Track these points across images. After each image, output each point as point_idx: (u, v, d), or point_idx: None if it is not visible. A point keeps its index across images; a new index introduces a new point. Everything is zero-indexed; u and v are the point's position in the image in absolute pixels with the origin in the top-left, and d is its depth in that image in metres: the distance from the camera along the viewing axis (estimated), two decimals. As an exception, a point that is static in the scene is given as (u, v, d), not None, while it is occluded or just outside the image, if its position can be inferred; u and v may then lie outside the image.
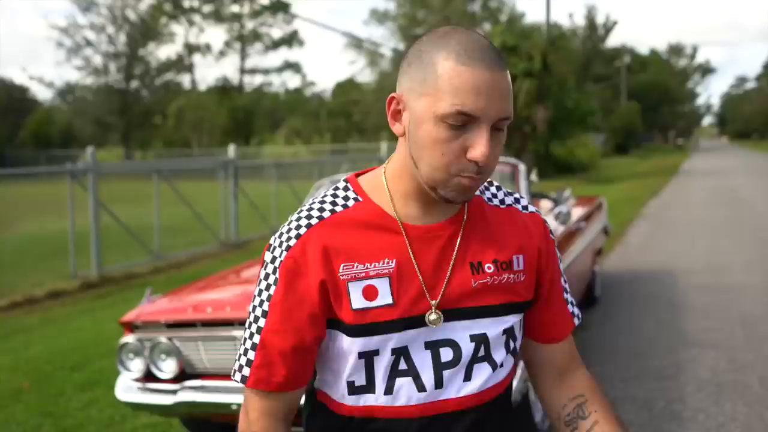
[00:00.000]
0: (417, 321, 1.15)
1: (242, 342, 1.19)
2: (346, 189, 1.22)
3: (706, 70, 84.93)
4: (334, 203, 1.20)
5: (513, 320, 1.23)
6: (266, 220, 12.30)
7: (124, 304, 7.55)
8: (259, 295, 1.18)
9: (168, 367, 3.35)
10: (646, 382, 4.33)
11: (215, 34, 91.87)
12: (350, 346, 1.15)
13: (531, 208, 1.30)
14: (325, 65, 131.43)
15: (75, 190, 8.85)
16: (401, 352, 1.16)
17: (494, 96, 1.06)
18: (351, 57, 51.82)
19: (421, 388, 1.17)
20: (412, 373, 1.17)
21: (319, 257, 1.14)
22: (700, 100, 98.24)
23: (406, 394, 1.17)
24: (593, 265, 6.17)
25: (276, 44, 52.66)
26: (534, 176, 4.95)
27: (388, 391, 1.17)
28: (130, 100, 43.30)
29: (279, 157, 24.17)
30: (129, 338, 3.41)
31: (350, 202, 1.20)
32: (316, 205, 1.20)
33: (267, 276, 1.17)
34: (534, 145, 24.46)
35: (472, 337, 1.18)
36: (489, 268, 1.19)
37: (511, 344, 1.25)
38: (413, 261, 1.15)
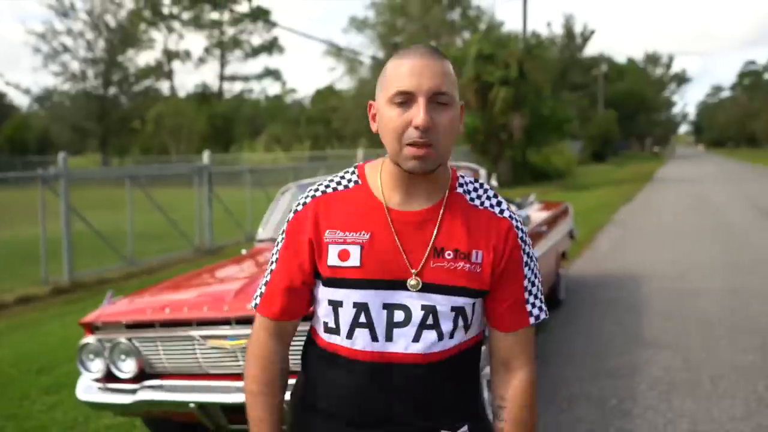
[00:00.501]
0: (379, 284, 1.42)
1: (263, 278, 1.55)
2: (352, 173, 1.52)
3: (682, 79, 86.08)
4: (339, 183, 1.51)
5: (464, 302, 1.44)
6: (241, 226, 12.33)
7: (94, 308, 7.56)
8: (277, 245, 1.53)
9: (128, 367, 3.40)
10: (600, 381, 4.45)
11: (195, 41, 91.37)
12: (323, 294, 1.46)
13: (506, 214, 1.49)
14: (305, 72, 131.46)
15: (47, 196, 8.85)
16: (362, 308, 1.43)
17: (425, 75, 1.35)
18: (330, 64, 51.94)
19: (374, 338, 1.43)
20: (369, 326, 1.43)
21: (312, 221, 1.46)
22: (676, 109, 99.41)
23: (362, 341, 1.44)
24: (557, 267, 6.30)
25: (256, 51, 52.68)
26: (494, 181, 5.05)
27: (349, 336, 1.44)
28: (109, 106, 43.04)
29: (258, 164, 24.16)
30: (89, 339, 3.46)
31: (351, 184, 1.50)
32: (325, 182, 1.52)
33: (282, 231, 1.52)
34: (511, 152, 24.68)
35: (423, 307, 1.42)
36: (449, 254, 1.42)
37: (461, 321, 1.45)
38: (395, 238, 1.42)
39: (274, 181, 15.03)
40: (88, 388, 3.52)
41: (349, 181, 1.50)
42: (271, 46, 53.88)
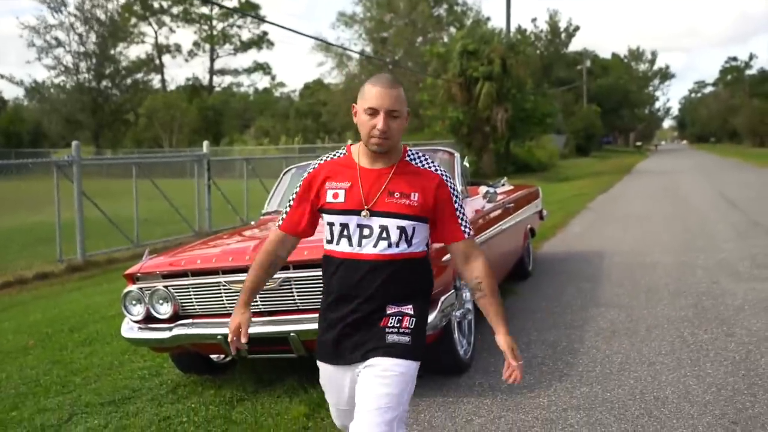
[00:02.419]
0: (355, 212, 2.34)
1: (284, 209, 2.52)
2: (342, 150, 2.47)
3: (666, 74, 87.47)
4: (335, 155, 2.45)
5: (405, 223, 2.33)
6: (238, 212, 13.09)
7: (108, 284, 8.35)
8: (294, 194, 2.48)
9: (164, 310, 4.18)
10: (555, 330, 5.28)
11: (185, 35, 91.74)
12: (326, 219, 2.38)
13: (438, 172, 2.39)
14: (294, 66, 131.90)
15: (60, 181, 9.56)
16: (344, 226, 2.37)
17: (385, 99, 2.27)
18: (319, 59, 52.70)
19: (350, 244, 2.37)
20: (348, 237, 2.37)
21: (319, 179, 2.40)
22: (660, 104, 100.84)
23: (343, 246, 2.37)
24: (525, 242, 7.12)
25: (245, 46, 53.27)
26: (466, 162, 5.85)
27: (337, 243, 2.37)
28: (101, 99, 43.59)
29: (251, 155, 24.89)
30: (132, 288, 4.24)
31: (340, 155, 2.45)
32: (326, 155, 2.47)
33: (299, 185, 2.47)
34: (494, 145, 25.51)
35: (380, 226, 2.34)
36: (397, 195, 2.33)
37: (403, 236, 2.34)
38: (359, 184, 2.34)
39: (265, 173, 15.80)
40: (130, 329, 4.31)
41: (341, 154, 2.45)
42: (260, 41, 54.47)
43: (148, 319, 4.24)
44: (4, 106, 46.62)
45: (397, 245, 2.33)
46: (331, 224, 2.37)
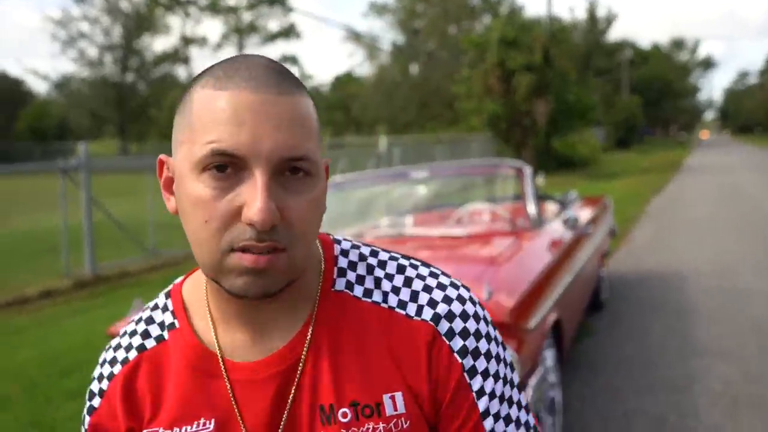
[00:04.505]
0: None
1: None
2: (165, 308, 0.89)
3: (708, 64, 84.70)
4: (146, 333, 0.88)
5: None
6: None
7: (116, 304, 7.42)
8: None
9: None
10: (657, 394, 4.16)
11: (212, 26, 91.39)
12: None
13: (426, 313, 0.84)
14: (324, 58, 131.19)
15: (67, 186, 8.67)
16: None
17: (267, 125, 0.73)
18: (349, 50, 51.60)
19: None
20: None
21: (122, 425, 0.86)
22: (703, 95, 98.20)
23: None
24: (600, 268, 5.99)
25: (273, 37, 52.43)
26: (541, 179, 4.75)
27: None
28: (126, 92, 43.12)
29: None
30: (116, 351, 3.23)
31: (165, 333, 0.87)
32: (125, 340, 0.89)
33: None
34: (534, 140, 24.26)
35: None
36: (345, 415, 0.81)
37: None
38: (237, 416, 0.82)
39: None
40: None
41: (162, 325, 0.88)
42: (289, 32, 53.60)
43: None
44: (30, 100, 46.46)
45: None
46: None
